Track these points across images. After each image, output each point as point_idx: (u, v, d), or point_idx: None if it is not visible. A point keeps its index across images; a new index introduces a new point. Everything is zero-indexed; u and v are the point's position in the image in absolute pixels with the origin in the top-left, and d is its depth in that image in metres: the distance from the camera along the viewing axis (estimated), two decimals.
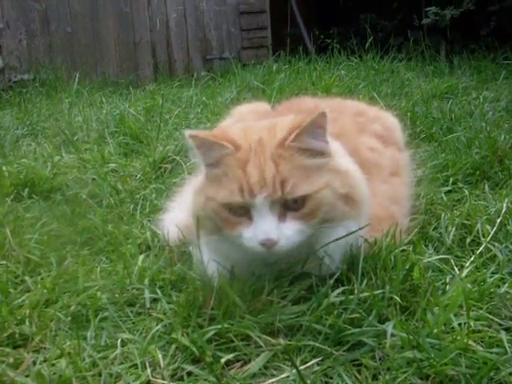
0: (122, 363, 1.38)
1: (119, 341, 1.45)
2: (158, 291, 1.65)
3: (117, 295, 1.71)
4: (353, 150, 1.79)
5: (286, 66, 6.21)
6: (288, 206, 1.48)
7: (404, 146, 2.41)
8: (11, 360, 1.41)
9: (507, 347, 1.32)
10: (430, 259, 1.73)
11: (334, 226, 1.54)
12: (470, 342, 1.32)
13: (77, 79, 5.40)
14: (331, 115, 1.57)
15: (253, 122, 1.73)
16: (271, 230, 1.45)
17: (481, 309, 1.50)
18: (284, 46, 7.33)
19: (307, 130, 1.50)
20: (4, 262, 1.94)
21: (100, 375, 1.33)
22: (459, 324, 1.41)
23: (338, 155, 1.61)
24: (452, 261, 1.76)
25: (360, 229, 1.58)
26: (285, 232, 1.47)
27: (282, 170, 1.47)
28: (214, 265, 1.60)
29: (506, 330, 1.42)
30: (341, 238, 1.54)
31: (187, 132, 1.56)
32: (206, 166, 1.58)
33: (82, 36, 6.88)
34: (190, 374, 1.35)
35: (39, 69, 6.45)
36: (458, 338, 1.32)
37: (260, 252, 1.47)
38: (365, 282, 1.55)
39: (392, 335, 1.36)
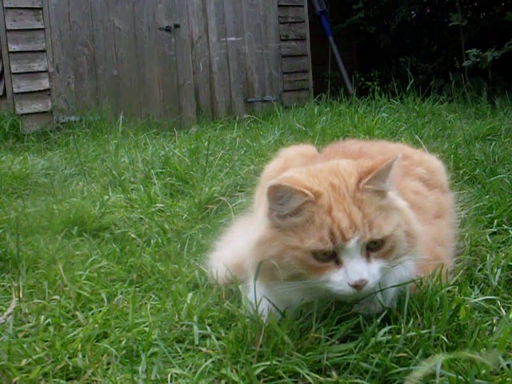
0: None
1: (169, 375, 1.49)
2: (208, 328, 1.69)
3: (166, 331, 1.74)
4: (398, 192, 1.81)
5: (328, 109, 6.27)
6: (370, 247, 1.52)
7: (448, 188, 2.42)
8: None
9: None
10: (476, 300, 1.73)
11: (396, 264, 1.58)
12: None
13: (121, 121, 5.53)
14: (376, 157, 1.61)
15: (311, 167, 1.74)
16: (364, 271, 1.49)
17: None
18: (325, 88, 7.41)
19: (381, 173, 1.56)
20: (57, 297, 2.00)
21: None
22: (508, 365, 1.40)
23: (393, 194, 1.66)
24: (498, 302, 1.76)
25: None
26: (372, 271, 1.51)
27: (366, 212, 1.52)
28: (264, 303, 1.63)
29: None
30: (407, 284, 1.61)
31: (269, 182, 1.55)
32: (280, 216, 1.57)
33: (127, 79, 7.08)
34: None
35: (85, 111, 6.65)
36: (508, 379, 1.32)
37: (349, 293, 1.50)
38: (411, 321, 1.56)
39: (439, 375, 1.36)
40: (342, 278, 1.50)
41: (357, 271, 1.49)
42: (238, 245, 1.89)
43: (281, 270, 1.55)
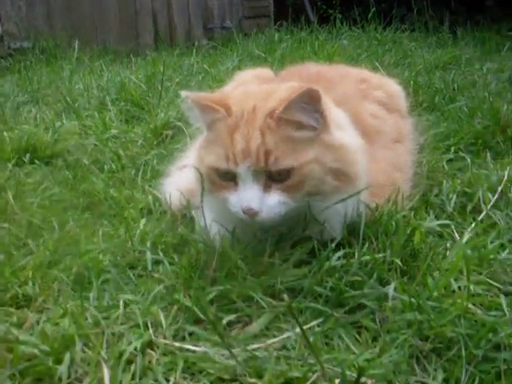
0: (124, 323, 1.40)
1: (121, 302, 1.46)
2: (160, 253, 1.67)
3: (119, 258, 1.72)
4: (355, 116, 1.78)
5: (288, 36, 6.19)
6: (273, 177, 1.48)
7: (407, 113, 2.41)
8: (15, 319, 1.43)
9: (506, 310, 1.34)
10: (430, 225, 1.74)
11: (327, 199, 1.53)
12: (470, 305, 1.33)
13: (77, 47, 5.34)
14: (334, 80, 1.56)
15: (255, 87, 1.71)
16: (253, 200, 1.46)
17: (481, 274, 1.51)
18: (286, 15, 7.26)
19: (295, 103, 1.48)
20: (6, 226, 1.95)
21: (103, 334, 1.34)
22: (459, 288, 1.42)
23: (338, 129, 1.59)
24: (453, 227, 1.77)
25: (348, 197, 1.56)
26: (268, 202, 1.47)
27: (267, 140, 1.47)
28: (216, 227, 1.61)
29: (505, 294, 1.43)
30: (331, 205, 1.54)
31: (183, 92, 1.58)
32: (206, 127, 1.60)
33: (81, 2, 6.80)
34: (191, 334, 1.36)
35: (39, 36, 6.39)
36: (458, 301, 1.33)
37: (245, 219, 1.49)
38: (366, 246, 1.56)
39: (393, 298, 1.38)
40: (236, 200, 1.50)
41: (245, 198, 1.47)
42: (191, 170, 1.85)
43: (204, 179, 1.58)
